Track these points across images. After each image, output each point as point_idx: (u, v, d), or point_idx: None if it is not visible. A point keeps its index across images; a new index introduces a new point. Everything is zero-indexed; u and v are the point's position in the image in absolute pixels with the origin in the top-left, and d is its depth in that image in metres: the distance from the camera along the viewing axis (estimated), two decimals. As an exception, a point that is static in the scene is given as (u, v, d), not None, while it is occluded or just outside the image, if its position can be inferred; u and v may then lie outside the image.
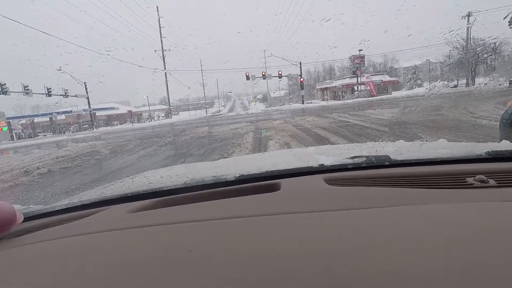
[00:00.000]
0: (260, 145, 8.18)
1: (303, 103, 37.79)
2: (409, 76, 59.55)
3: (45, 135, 38.31)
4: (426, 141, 1.37)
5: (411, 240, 0.42)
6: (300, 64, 38.33)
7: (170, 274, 0.40)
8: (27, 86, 27.57)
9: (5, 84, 25.45)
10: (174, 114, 55.19)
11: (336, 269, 0.37)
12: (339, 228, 0.49)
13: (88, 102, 35.80)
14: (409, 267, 0.35)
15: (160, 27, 43.68)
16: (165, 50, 43.71)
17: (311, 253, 0.41)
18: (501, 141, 1.27)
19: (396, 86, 50.60)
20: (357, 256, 0.39)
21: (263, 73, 38.41)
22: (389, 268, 0.35)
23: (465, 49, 39.67)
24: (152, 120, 51.19)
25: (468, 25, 35.33)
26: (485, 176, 0.72)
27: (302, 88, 40.99)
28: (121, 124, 46.65)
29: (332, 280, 0.35)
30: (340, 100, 40.86)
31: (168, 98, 47.35)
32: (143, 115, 62.53)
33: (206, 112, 57.42)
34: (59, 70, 32.64)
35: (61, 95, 31.90)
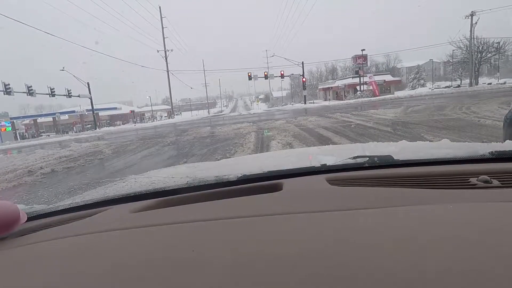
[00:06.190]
0: (262, 145, 8.18)
1: (305, 103, 37.77)
2: (412, 75, 59.41)
3: (49, 135, 38.49)
4: (429, 141, 1.37)
5: (414, 241, 0.41)
6: (303, 64, 38.31)
7: (172, 274, 0.41)
8: (31, 86, 27.71)
9: (9, 84, 25.60)
10: (177, 114, 55.36)
11: (338, 269, 0.37)
12: (341, 229, 0.49)
13: (91, 102, 35.88)
14: (412, 268, 0.35)
15: (162, 27, 43.83)
16: (168, 50, 43.85)
17: (313, 254, 0.41)
18: (504, 141, 1.26)
19: (399, 86, 50.46)
20: (360, 257, 0.39)
21: (265, 73, 38.41)
22: (392, 269, 0.35)
23: (468, 48, 39.45)
24: (155, 120, 51.37)
25: (474, 24, 35.11)
26: (489, 176, 0.71)
27: (304, 88, 40.99)
28: (124, 124, 46.84)
29: (335, 281, 0.34)
30: (342, 100, 40.82)
31: (171, 98, 47.45)
32: (146, 115, 62.79)
33: (209, 112, 57.57)
34: (62, 70, 32.85)
35: (64, 95, 32.03)
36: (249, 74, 36.80)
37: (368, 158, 1.00)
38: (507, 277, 0.32)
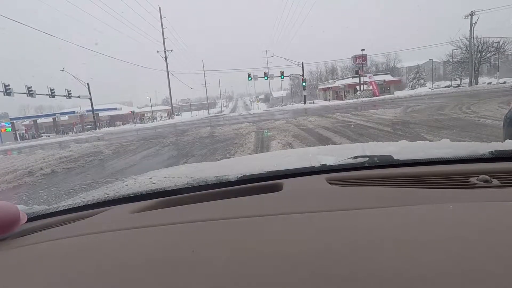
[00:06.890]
0: (262, 145, 8.18)
1: (305, 103, 37.75)
2: (412, 75, 59.40)
3: (49, 136, 38.48)
4: (429, 140, 1.37)
5: (414, 241, 0.41)
6: (303, 64, 38.29)
7: (172, 274, 0.41)
8: (31, 87, 27.67)
9: (9, 85, 25.58)
10: (177, 115, 55.38)
11: (338, 269, 0.37)
12: (341, 228, 0.49)
13: (91, 102, 35.83)
14: (412, 267, 0.35)
15: (162, 28, 43.83)
16: (168, 51, 43.84)
17: (313, 253, 0.41)
18: (504, 140, 1.26)
19: (399, 85, 50.41)
20: (360, 257, 0.39)
21: (265, 73, 38.39)
22: (392, 269, 0.35)
23: (468, 48, 39.44)
24: (155, 120, 51.37)
25: (474, 24, 35.10)
26: (489, 176, 0.71)
27: (304, 88, 40.96)
28: (124, 124, 46.82)
29: (335, 280, 0.34)
30: (342, 100, 40.81)
31: (171, 98, 47.44)
32: (146, 115, 62.80)
33: (208, 112, 57.59)
34: (62, 70, 32.85)
35: (64, 96, 31.98)
36: (249, 74, 36.77)
37: (368, 158, 1.00)
38: (507, 277, 0.32)
